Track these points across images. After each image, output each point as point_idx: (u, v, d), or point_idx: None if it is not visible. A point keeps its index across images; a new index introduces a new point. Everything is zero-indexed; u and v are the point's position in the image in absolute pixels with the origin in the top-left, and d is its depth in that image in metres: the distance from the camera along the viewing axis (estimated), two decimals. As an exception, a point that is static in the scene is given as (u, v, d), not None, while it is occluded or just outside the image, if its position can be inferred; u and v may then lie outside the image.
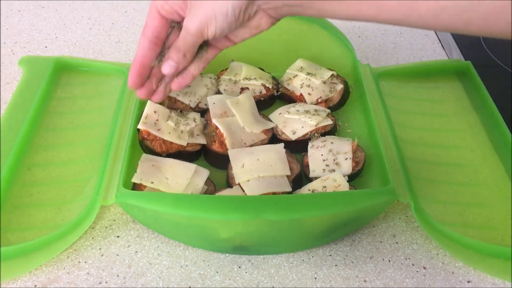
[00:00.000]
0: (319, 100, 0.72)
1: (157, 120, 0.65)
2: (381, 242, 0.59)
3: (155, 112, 0.65)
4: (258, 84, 0.74)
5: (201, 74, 0.74)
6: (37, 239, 0.55)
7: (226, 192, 0.59)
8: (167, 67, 0.53)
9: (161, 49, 0.56)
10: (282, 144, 0.64)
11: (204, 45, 0.56)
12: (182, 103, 0.70)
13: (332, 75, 0.74)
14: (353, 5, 0.46)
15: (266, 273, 0.55)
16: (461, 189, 0.63)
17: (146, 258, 0.56)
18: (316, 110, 0.69)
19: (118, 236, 0.59)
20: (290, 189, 0.60)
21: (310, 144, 0.65)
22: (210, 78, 0.74)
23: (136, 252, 0.57)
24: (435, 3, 0.42)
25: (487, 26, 0.42)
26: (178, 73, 0.56)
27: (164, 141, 0.63)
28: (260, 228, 0.54)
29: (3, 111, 0.72)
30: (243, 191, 0.59)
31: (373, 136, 0.66)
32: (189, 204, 0.51)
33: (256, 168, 0.61)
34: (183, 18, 0.53)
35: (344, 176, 0.60)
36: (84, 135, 0.70)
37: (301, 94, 0.72)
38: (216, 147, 0.65)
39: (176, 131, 0.65)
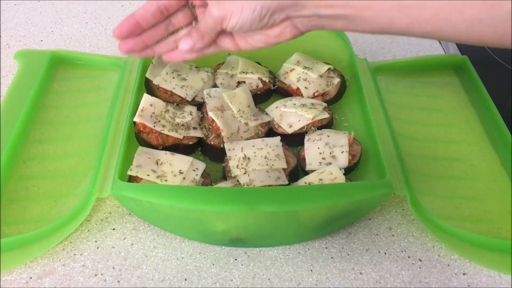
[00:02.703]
0: (316, 94, 0.72)
1: (153, 113, 0.65)
2: (377, 234, 0.59)
3: (151, 105, 0.65)
4: (254, 78, 0.73)
5: (197, 67, 0.74)
6: (33, 232, 0.54)
7: (222, 185, 0.59)
8: (184, 44, 0.55)
9: (162, 21, 0.57)
10: (279, 138, 0.64)
11: None
12: (179, 96, 0.70)
13: (329, 69, 0.74)
14: (384, 16, 0.45)
15: (262, 266, 0.55)
16: (458, 182, 0.63)
17: (142, 250, 0.56)
18: (312, 104, 0.69)
19: (114, 229, 0.58)
20: (286, 182, 0.59)
21: (306, 138, 0.65)
22: (207, 71, 0.74)
23: (132, 244, 0.57)
24: (473, 15, 0.42)
25: None
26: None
27: (160, 134, 0.63)
28: (256, 221, 0.53)
29: (-2, 104, 0.71)
30: (240, 184, 0.59)
31: (369, 130, 0.66)
32: (185, 196, 0.51)
33: (253, 161, 0.60)
34: (202, 3, 0.54)
35: (340, 169, 0.60)
36: (80, 128, 0.69)
37: (298, 88, 0.72)
38: (212, 140, 0.65)
39: (172, 124, 0.65)
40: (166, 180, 0.58)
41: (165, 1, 0.55)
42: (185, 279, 0.54)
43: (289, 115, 0.68)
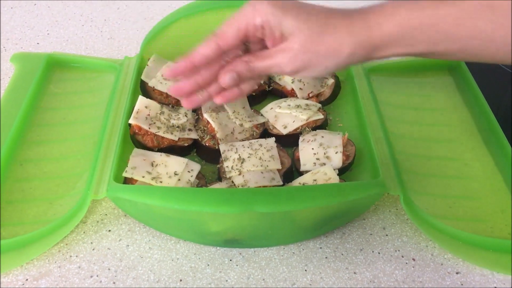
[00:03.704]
0: (310, 95, 0.72)
1: (148, 115, 0.65)
2: (371, 234, 0.59)
3: (146, 107, 0.66)
4: (249, 79, 0.74)
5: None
6: (29, 233, 0.55)
7: (217, 186, 0.59)
8: (228, 79, 0.51)
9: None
10: (273, 139, 0.65)
11: None
12: (174, 98, 0.71)
13: (324, 70, 0.74)
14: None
15: (257, 266, 0.55)
16: (451, 182, 0.64)
17: (137, 251, 0.57)
18: (307, 105, 0.69)
19: (109, 230, 0.59)
20: (281, 183, 0.60)
21: (301, 138, 0.66)
22: (202, 73, 0.74)
23: (128, 246, 0.57)
24: None
25: None
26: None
27: (155, 135, 0.64)
28: (251, 221, 0.54)
29: (-5, 107, 0.72)
30: (234, 185, 0.59)
31: (363, 130, 0.66)
32: (179, 197, 0.51)
33: (247, 162, 0.61)
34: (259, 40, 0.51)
35: (334, 169, 0.60)
36: (76, 130, 0.70)
37: (293, 89, 0.73)
38: (207, 141, 0.65)
39: (167, 125, 0.65)
40: (161, 182, 0.58)
41: (228, 42, 0.50)
42: (180, 280, 0.54)
43: (284, 116, 0.68)
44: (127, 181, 0.59)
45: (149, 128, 0.64)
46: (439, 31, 0.48)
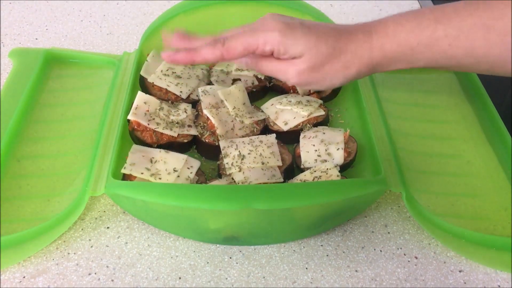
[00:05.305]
0: (312, 91, 0.71)
1: (148, 110, 0.64)
2: (373, 232, 0.58)
3: (145, 102, 0.65)
4: (250, 75, 0.73)
5: (192, 65, 0.74)
6: (26, 230, 0.54)
7: (217, 183, 0.58)
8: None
9: None
10: (274, 135, 0.64)
11: None
12: (173, 94, 0.70)
13: (325, 66, 0.73)
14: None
15: (257, 264, 0.55)
16: (454, 179, 0.63)
17: (136, 249, 0.56)
18: (308, 101, 0.69)
19: (108, 227, 0.58)
20: (281, 180, 0.59)
21: (302, 135, 0.65)
22: (202, 69, 0.74)
23: (126, 243, 0.56)
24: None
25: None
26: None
27: (154, 131, 0.63)
28: (250, 218, 0.53)
29: (-8, 103, 0.71)
30: (234, 182, 0.58)
31: (365, 127, 0.66)
32: (178, 194, 0.50)
33: (248, 159, 0.60)
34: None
35: (336, 166, 0.60)
36: (74, 127, 0.69)
37: (294, 85, 0.72)
38: (207, 138, 0.64)
39: (166, 122, 0.64)
40: (160, 178, 0.57)
41: (231, 57, 0.54)
42: (179, 278, 0.53)
43: (285, 112, 0.68)
44: (126, 177, 0.58)
45: (148, 124, 0.63)
46: (436, 51, 0.52)
